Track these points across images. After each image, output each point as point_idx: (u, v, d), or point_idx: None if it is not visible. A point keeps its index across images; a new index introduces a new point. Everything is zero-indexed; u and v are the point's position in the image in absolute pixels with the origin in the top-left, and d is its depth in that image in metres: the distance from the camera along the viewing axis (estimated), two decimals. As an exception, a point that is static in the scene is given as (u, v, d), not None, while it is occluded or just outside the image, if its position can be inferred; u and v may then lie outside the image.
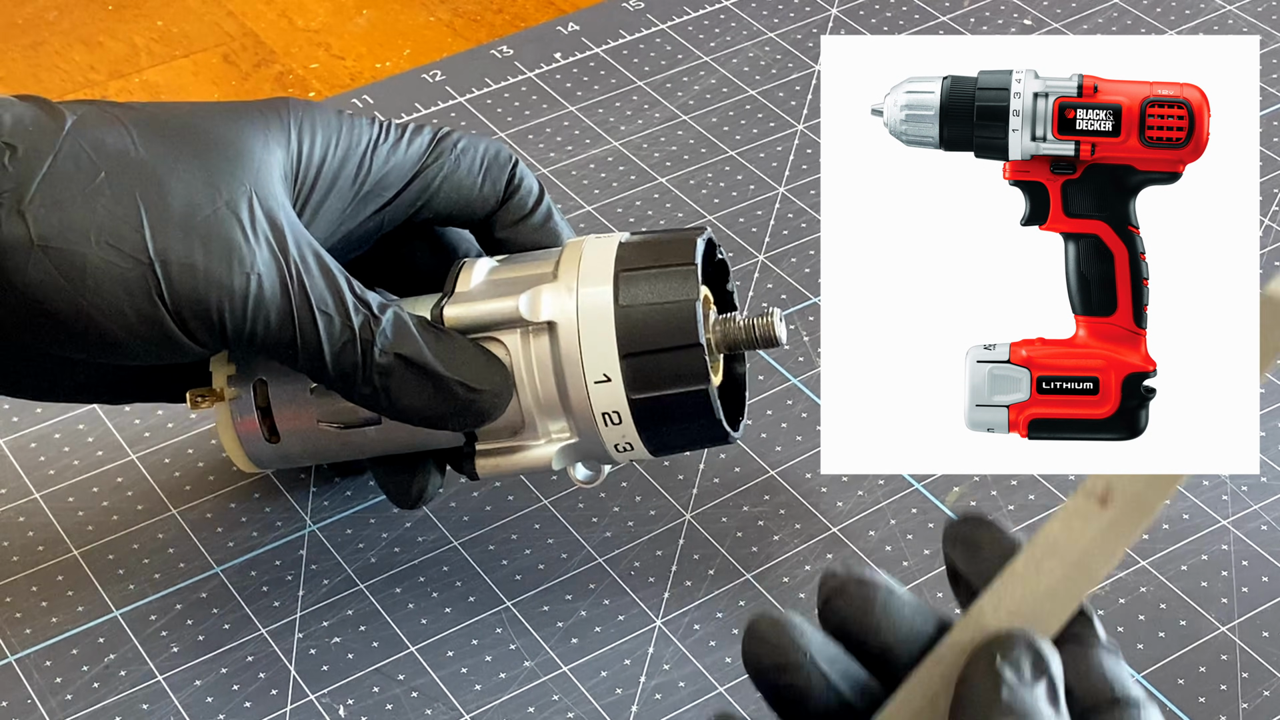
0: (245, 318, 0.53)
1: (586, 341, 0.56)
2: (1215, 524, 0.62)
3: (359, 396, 0.55)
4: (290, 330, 0.54)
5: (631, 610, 0.60)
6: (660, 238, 0.58)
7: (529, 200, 0.61)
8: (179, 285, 0.52)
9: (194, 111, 0.56)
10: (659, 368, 0.56)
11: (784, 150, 0.78)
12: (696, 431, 0.57)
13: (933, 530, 0.62)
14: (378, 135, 0.58)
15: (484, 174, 0.60)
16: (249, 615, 0.61)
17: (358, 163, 0.58)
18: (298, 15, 0.88)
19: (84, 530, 0.64)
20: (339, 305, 0.54)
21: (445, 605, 0.61)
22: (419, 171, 0.59)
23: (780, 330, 0.58)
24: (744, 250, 0.73)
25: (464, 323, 0.56)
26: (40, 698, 0.59)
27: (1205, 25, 0.84)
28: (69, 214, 0.52)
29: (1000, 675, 0.39)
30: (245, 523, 0.64)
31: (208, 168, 0.54)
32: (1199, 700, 0.57)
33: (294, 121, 0.57)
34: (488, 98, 0.82)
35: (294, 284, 0.54)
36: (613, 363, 0.56)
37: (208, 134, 0.55)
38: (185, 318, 0.53)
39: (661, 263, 0.57)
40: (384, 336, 0.55)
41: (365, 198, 0.58)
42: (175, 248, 0.52)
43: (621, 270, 0.57)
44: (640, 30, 0.85)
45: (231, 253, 0.53)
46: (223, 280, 0.53)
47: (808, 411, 0.67)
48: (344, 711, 0.58)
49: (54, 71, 0.85)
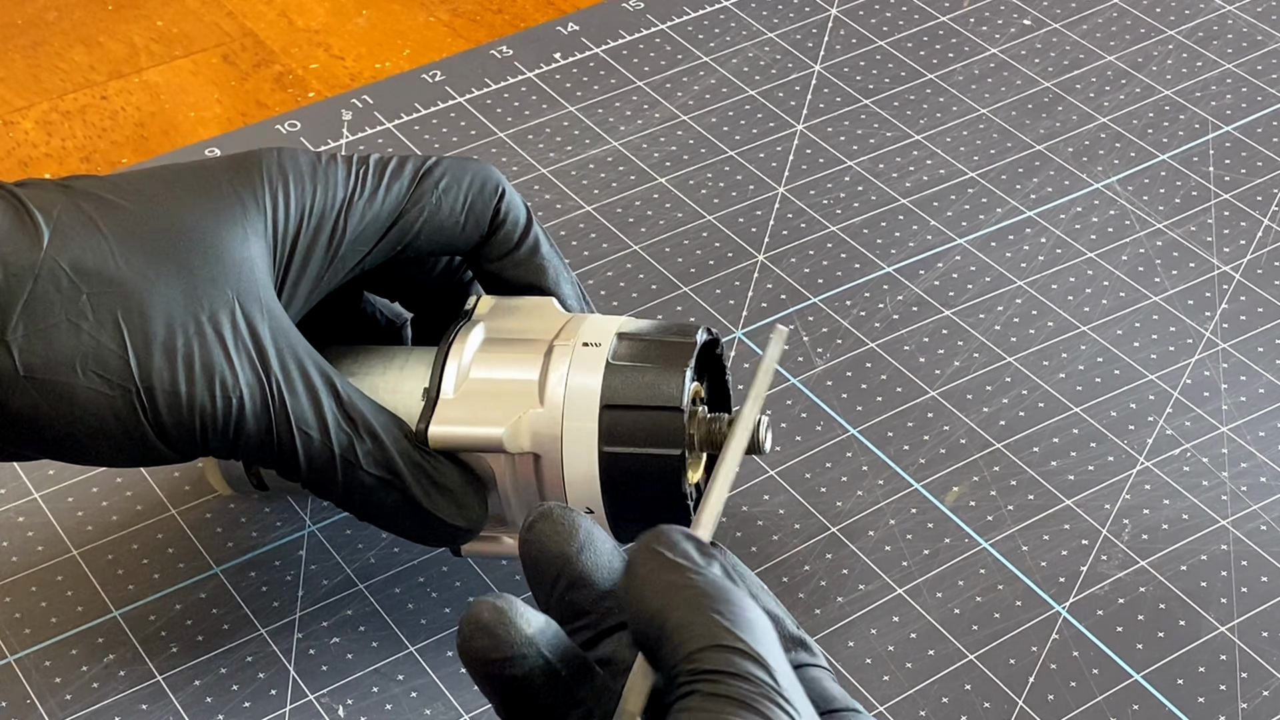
0: (227, 436, 0.53)
1: (570, 478, 0.56)
2: (1215, 524, 0.62)
3: (335, 501, 0.56)
4: (270, 448, 0.54)
5: (631, 610, 0.60)
6: (648, 370, 0.56)
7: (515, 234, 0.59)
8: (164, 410, 0.53)
9: (169, 204, 0.55)
10: (641, 502, 0.56)
11: (784, 150, 0.78)
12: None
13: (932, 530, 0.62)
14: (353, 190, 0.57)
15: (467, 211, 0.58)
16: (248, 615, 0.61)
17: (332, 225, 0.56)
18: (297, 15, 0.88)
19: (83, 530, 0.64)
20: (319, 424, 0.54)
21: (444, 605, 0.61)
22: (398, 219, 0.57)
23: (768, 442, 0.56)
24: (744, 250, 0.73)
25: (448, 444, 0.56)
26: (39, 697, 0.59)
27: (1205, 25, 0.84)
28: (53, 343, 0.52)
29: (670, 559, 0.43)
30: (245, 523, 0.64)
31: (188, 280, 0.53)
32: (1198, 700, 0.57)
33: (268, 195, 0.55)
34: (487, 98, 0.82)
35: (274, 402, 0.54)
36: (596, 499, 0.56)
37: (184, 236, 0.54)
38: (170, 437, 0.53)
39: (649, 404, 0.55)
40: (368, 458, 0.55)
41: (343, 257, 0.57)
42: (160, 374, 0.52)
43: (605, 406, 0.55)
44: (640, 30, 0.85)
45: (214, 376, 0.53)
46: (205, 405, 0.53)
47: (807, 412, 0.67)
48: (343, 711, 0.58)
49: (54, 71, 0.85)
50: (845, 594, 0.61)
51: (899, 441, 0.66)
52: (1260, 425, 0.66)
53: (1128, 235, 0.74)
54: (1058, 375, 0.68)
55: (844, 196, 0.76)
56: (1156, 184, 0.76)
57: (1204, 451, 0.65)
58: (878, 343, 0.69)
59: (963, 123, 0.80)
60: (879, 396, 0.67)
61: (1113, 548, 0.62)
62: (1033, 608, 0.60)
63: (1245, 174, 0.76)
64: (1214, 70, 0.82)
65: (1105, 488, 0.64)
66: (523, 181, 0.77)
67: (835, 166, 0.77)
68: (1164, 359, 0.68)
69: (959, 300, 0.71)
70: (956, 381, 0.68)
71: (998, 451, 0.65)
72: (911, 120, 0.80)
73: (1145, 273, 0.72)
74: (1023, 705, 0.57)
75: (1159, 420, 0.66)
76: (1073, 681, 0.58)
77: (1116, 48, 0.83)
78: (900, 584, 0.61)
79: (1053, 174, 0.77)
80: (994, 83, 0.82)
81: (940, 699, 0.57)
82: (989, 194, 0.76)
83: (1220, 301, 0.71)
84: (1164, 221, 0.74)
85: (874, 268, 0.73)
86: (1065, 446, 0.65)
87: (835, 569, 0.61)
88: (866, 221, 0.75)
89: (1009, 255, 0.73)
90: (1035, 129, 0.79)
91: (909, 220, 0.75)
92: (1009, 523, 0.63)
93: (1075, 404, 0.67)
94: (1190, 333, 0.69)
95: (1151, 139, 0.78)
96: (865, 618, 0.60)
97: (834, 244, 0.74)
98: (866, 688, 0.58)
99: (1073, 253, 0.73)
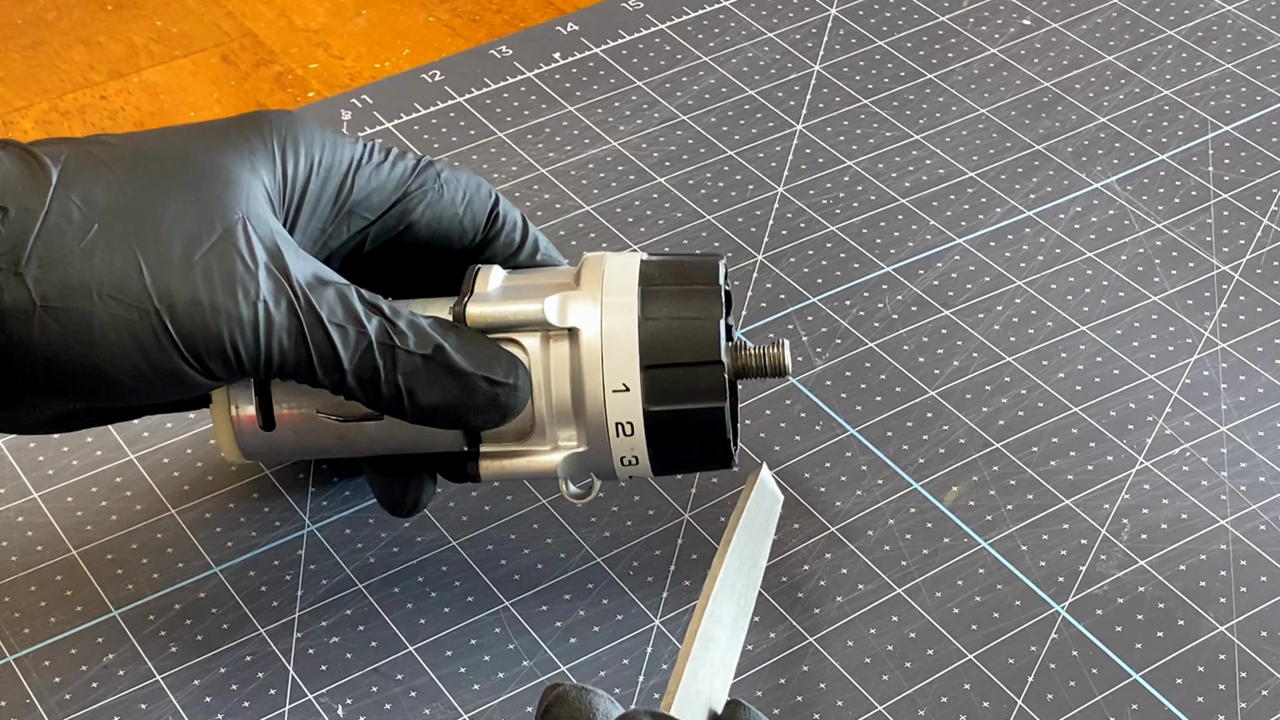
0: (259, 345, 0.53)
1: (609, 350, 0.56)
2: (1214, 524, 0.62)
3: (383, 402, 0.55)
4: (305, 349, 0.54)
5: (630, 610, 0.60)
6: (683, 259, 0.59)
7: (516, 235, 0.60)
8: (188, 326, 0.52)
9: (175, 140, 0.56)
10: (678, 382, 0.56)
11: (783, 150, 0.78)
12: (703, 451, 0.58)
13: (931, 530, 0.62)
14: (361, 155, 0.58)
15: (466, 205, 0.60)
16: (247, 615, 0.61)
17: (340, 181, 0.57)
18: (297, 15, 0.88)
19: (83, 530, 0.64)
20: (350, 315, 0.54)
21: (444, 605, 0.61)
22: (402, 196, 0.59)
23: (789, 361, 0.58)
24: (743, 250, 0.73)
25: (485, 322, 0.56)
26: (39, 697, 0.59)
27: (1205, 25, 0.84)
28: (68, 272, 0.52)
29: None
30: (244, 523, 0.64)
31: (198, 201, 0.53)
32: (1197, 700, 0.57)
33: (276, 140, 0.56)
34: (487, 98, 0.82)
35: (301, 303, 0.53)
36: (633, 373, 0.56)
37: (192, 164, 0.54)
38: (199, 356, 0.53)
39: (686, 282, 0.57)
40: (403, 337, 0.55)
41: (347, 217, 0.58)
42: (179, 289, 0.52)
43: (646, 285, 0.57)
44: (639, 30, 0.85)
45: (235, 283, 0.53)
46: (230, 312, 0.52)
47: (807, 411, 0.67)
48: (342, 711, 0.58)
49: (53, 71, 0.85)
50: (844, 594, 0.61)
51: (898, 441, 0.66)
52: (1259, 425, 0.66)
53: (1127, 235, 0.74)
54: (1057, 375, 0.68)
55: (843, 196, 0.76)
56: (1156, 184, 0.76)
57: (1203, 451, 0.65)
58: (877, 342, 0.69)
59: (962, 122, 0.80)
60: (878, 396, 0.67)
61: (1112, 547, 0.62)
62: (1032, 607, 0.60)
63: (1245, 174, 0.76)
64: (1213, 70, 0.82)
65: (1104, 487, 0.64)
66: (522, 181, 0.77)
67: (835, 166, 0.77)
68: (1163, 359, 0.68)
69: (958, 300, 0.71)
70: (956, 381, 0.68)
71: (997, 451, 0.65)
72: (911, 120, 0.80)
73: (1144, 272, 0.72)
74: (1022, 705, 0.57)
75: (1158, 420, 0.66)
76: (1072, 681, 0.58)
77: (1116, 47, 0.83)
78: (899, 584, 0.61)
79: (1052, 174, 0.77)
80: (993, 82, 0.82)
81: (939, 698, 0.57)
82: (988, 194, 0.76)
83: (1219, 301, 0.71)
84: (1163, 221, 0.74)
85: (873, 267, 0.73)
86: (1064, 446, 0.65)
87: (834, 569, 0.61)
88: (866, 221, 0.75)
89: (1008, 255, 0.73)
90: (1035, 129, 0.79)
91: (908, 220, 0.75)
92: (1008, 522, 0.63)
93: (1074, 404, 0.67)
94: (1190, 332, 0.69)
95: (1151, 139, 0.78)
96: (864, 617, 0.60)
97: (833, 244, 0.74)
98: (866, 687, 0.58)
99: (1072, 252, 0.73)
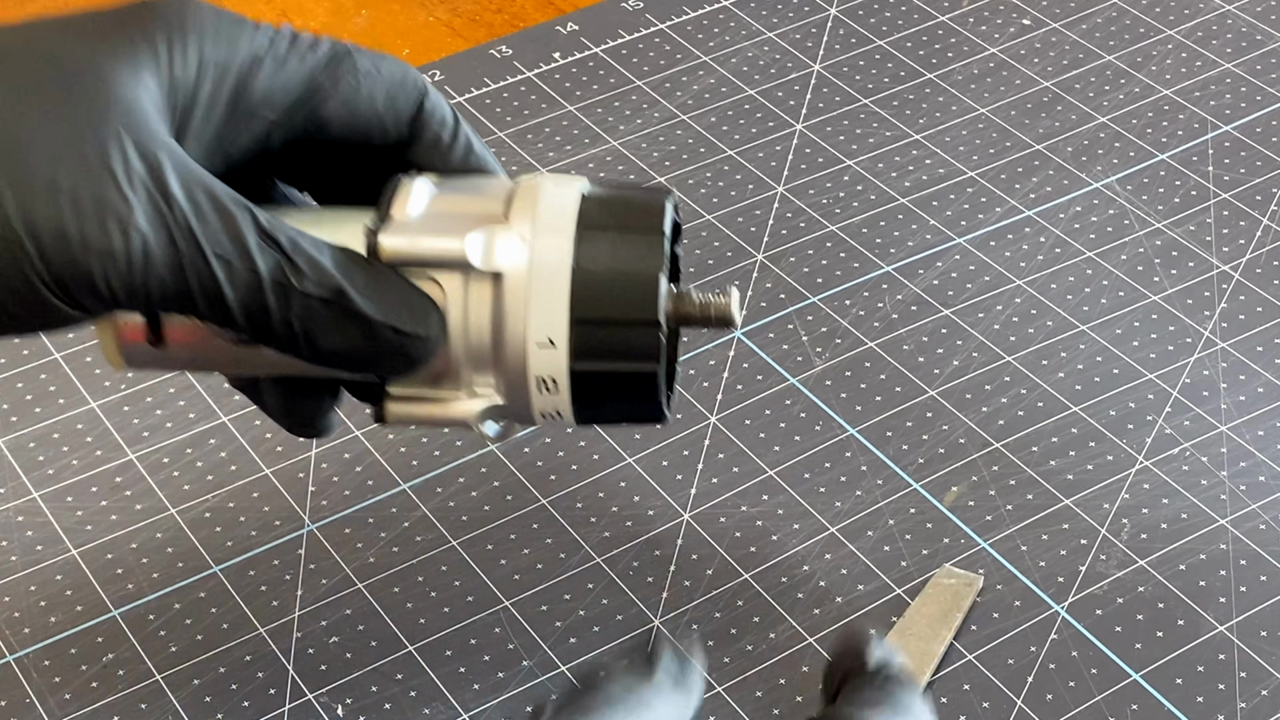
0: (133, 278, 0.47)
1: (536, 300, 0.49)
2: (1214, 523, 0.62)
3: (274, 342, 0.49)
4: (185, 284, 0.48)
5: (630, 610, 0.60)
6: (626, 195, 0.51)
7: (445, 134, 0.53)
8: (54, 257, 0.46)
9: (41, 36, 0.49)
10: (609, 340, 0.50)
11: (783, 150, 0.78)
12: (632, 410, 0.52)
13: (931, 530, 0.62)
14: (262, 49, 0.51)
15: (387, 101, 0.53)
16: (247, 615, 0.61)
17: (237, 80, 0.51)
18: (297, 15, 0.88)
19: (82, 530, 0.64)
20: (239, 247, 0.48)
21: (443, 605, 0.61)
22: (312, 92, 0.52)
23: (736, 313, 0.51)
24: (743, 250, 0.74)
25: (400, 257, 0.49)
26: (39, 697, 0.59)
27: (1205, 25, 0.84)
28: None
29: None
30: (244, 522, 0.64)
31: (70, 112, 0.47)
32: (1197, 699, 0.57)
33: (161, 34, 0.50)
34: (486, 97, 0.82)
35: (181, 232, 0.48)
36: (561, 327, 0.49)
37: (60, 66, 0.48)
38: (68, 289, 0.47)
39: (627, 225, 0.50)
40: (300, 275, 0.48)
41: (246, 119, 0.51)
42: (43, 215, 0.46)
43: (584, 227, 0.50)
44: (639, 30, 0.85)
45: (106, 211, 0.47)
46: (101, 244, 0.47)
47: (806, 411, 0.67)
48: (342, 711, 0.58)
49: (53, 71, 0.85)
50: (844, 594, 0.61)
51: (898, 441, 0.66)
52: (1259, 424, 0.66)
53: (1127, 235, 0.74)
54: (1057, 374, 0.68)
55: (843, 196, 0.76)
56: (1156, 183, 0.76)
57: (1203, 451, 0.65)
58: (877, 342, 0.69)
59: (962, 122, 0.80)
60: (878, 396, 0.67)
61: (1111, 547, 0.62)
62: (1031, 607, 0.60)
63: (1244, 173, 0.76)
64: (1213, 70, 0.82)
65: (1104, 487, 0.64)
66: (522, 181, 0.77)
67: (834, 166, 0.77)
68: (1163, 358, 0.68)
69: (958, 299, 0.71)
70: (955, 381, 0.68)
71: (997, 451, 0.65)
72: (911, 120, 0.80)
73: (1144, 272, 0.72)
74: (1021, 705, 0.57)
75: (1158, 419, 0.66)
76: (1071, 681, 0.58)
77: (1116, 47, 0.83)
78: (899, 584, 0.61)
79: (1052, 173, 0.77)
80: (993, 82, 0.82)
81: (939, 699, 0.57)
82: (988, 193, 0.76)
83: (1219, 301, 0.71)
84: (1163, 221, 0.74)
85: (873, 267, 0.73)
86: (1064, 446, 0.65)
87: (834, 569, 0.61)
88: (866, 221, 0.75)
89: (1008, 254, 0.73)
90: (1034, 129, 0.79)
91: (908, 220, 0.75)
92: (1008, 522, 0.63)
93: (1074, 403, 0.67)
94: (1189, 332, 0.69)
95: (1151, 138, 0.78)
96: (865, 618, 0.60)
97: (833, 243, 0.74)
98: (865, 687, 0.58)
99: (1072, 252, 0.73)
